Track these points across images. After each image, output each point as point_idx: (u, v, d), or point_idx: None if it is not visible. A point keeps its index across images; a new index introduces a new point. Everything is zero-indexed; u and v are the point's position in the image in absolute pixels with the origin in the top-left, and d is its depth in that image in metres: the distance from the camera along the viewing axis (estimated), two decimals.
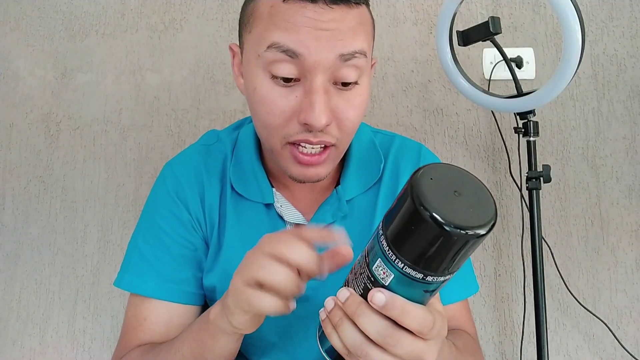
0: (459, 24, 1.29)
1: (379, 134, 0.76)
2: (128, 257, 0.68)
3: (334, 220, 0.67)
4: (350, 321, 0.41)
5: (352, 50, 0.54)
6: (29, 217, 1.27)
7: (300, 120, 0.55)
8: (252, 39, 0.57)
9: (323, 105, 0.54)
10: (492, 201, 0.36)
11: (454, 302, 0.69)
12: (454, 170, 0.37)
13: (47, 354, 1.22)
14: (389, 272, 0.37)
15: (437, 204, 0.33)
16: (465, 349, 0.62)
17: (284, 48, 0.53)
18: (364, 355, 0.40)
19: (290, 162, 0.59)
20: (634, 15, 1.31)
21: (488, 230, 0.34)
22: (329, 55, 0.53)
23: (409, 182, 0.35)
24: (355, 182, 0.68)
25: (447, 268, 0.36)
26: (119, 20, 1.34)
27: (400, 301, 0.38)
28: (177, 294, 0.64)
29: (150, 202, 0.70)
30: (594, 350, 1.20)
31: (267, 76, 0.56)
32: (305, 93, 0.55)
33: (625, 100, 1.28)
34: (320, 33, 0.53)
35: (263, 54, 0.55)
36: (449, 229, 0.33)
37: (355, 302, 0.40)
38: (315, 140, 0.56)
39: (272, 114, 0.56)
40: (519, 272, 1.21)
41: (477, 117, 1.29)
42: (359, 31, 0.56)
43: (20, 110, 1.31)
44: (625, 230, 1.23)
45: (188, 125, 1.30)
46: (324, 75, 0.54)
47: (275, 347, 0.68)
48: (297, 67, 0.54)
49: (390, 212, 0.37)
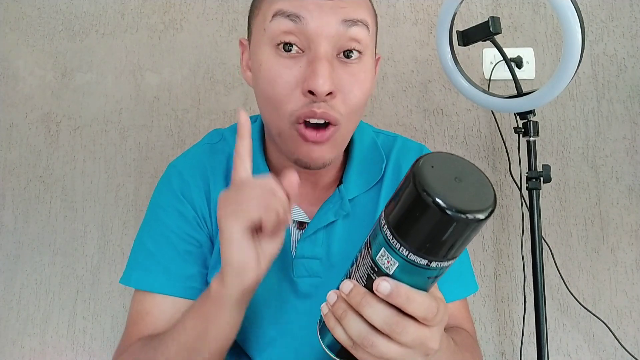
0: (459, 24, 1.29)
1: (381, 135, 0.76)
2: (134, 254, 0.69)
3: (337, 219, 0.67)
4: (354, 312, 0.41)
5: (354, 17, 0.56)
6: (29, 217, 1.27)
7: (304, 88, 0.55)
8: (258, 20, 0.60)
9: (326, 72, 0.54)
10: (491, 187, 0.37)
11: (453, 300, 0.70)
12: (454, 159, 0.38)
13: (47, 354, 1.22)
14: (394, 260, 0.38)
15: (439, 190, 0.34)
16: (464, 345, 0.62)
17: (288, 13, 0.55)
18: (370, 346, 0.40)
19: (297, 143, 0.59)
20: (634, 15, 1.31)
21: (489, 214, 0.35)
22: (331, 20, 0.55)
23: (411, 170, 0.36)
24: (357, 181, 0.69)
25: (450, 253, 0.37)
26: (119, 20, 1.34)
27: (404, 289, 0.38)
28: (183, 289, 0.65)
29: (154, 201, 0.71)
30: (594, 350, 1.20)
31: (272, 50, 0.57)
32: (309, 62, 0.56)
33: (625, 100, 1.28)
34: (323, 2, 0.55)
35: (268, 25, 0.57)
36: (452, 214, 0.34)
37: (359, 293, 0.41)
38: (319, 111, 0.56)
39: (277, 86, 0.57)
40: (519, 272, 1.21)
41: (477, 117, 1.29)
42: (362, 4, 0.58)
43: (20, 110, 1.31)
44: (625, 230, 1.23)
45: (188, 125, 1.30)
46: (327, 44, 0.55)
47: (277, 344, 0.68)
48: (300, 35, 0.56)
49: (392, 201, 0.38)
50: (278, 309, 0.67)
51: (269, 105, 0.59)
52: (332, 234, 0.67)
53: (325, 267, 0.67)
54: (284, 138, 0.60)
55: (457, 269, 0.69)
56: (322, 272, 0.67)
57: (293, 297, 0.67)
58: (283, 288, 0.67)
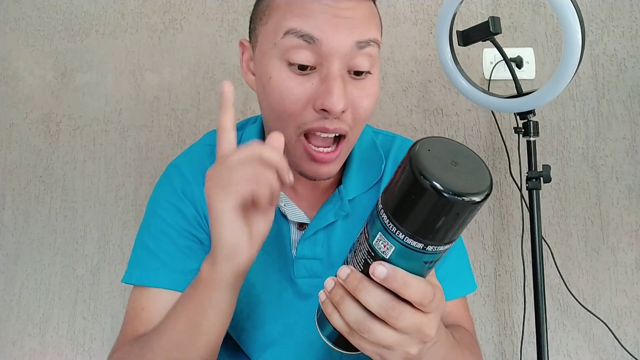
0: (459, 24, 1.29)
1: (380, 135, 0.77)
2: (134, 254, 0.68)
3: (337, 220, 0.67)
4: (351, 298, 0.41)
5: (367, 38, 0.56)
6: (29, 217, 1.27)
7: (317, 106, 0.55)
8: (268, 30, 0.58)
9: (341, 91, 0.54)
10: (487, 171, 0.37)
11: (452, 299, 0.70)
12: (451, 143, 0.38)
13: (47, 354, 1.22)
14: (390, 244, 0.38)
15: (436, 173, 0.34)
16: (462, 341, 0.62)
17: (302, 33, 0.54)
18: (367, 331, 0.40)
19: (303, 159, 0.59)
20: (634, 15, 1.31)
21: (485, 196, 0.35)
22: (346, 42, 0.55)
23: (408, 154, 0.36)
24: (357, 181, 0.69)
25: (446, 237, 0.37)
26: (119, 20, 1.34)
27: (401, 273, 0.38)
28: (180, 283, 0.64)
29: (154, 199, 0.70)
30: (594, 350, 1.20)
31: (284, 65, 0.56)
32: (322, 80, 0.55)
33: (625, 100, 1.28)
34: (337, 20, 0.54)
35: (280, 41, 0.56)
36: (448, 196, 0.34)
37: (356, 278, 0.41)
38: (332, 127, 0.57)
39: (288, 102, 0.57)
40: (519, 272, 1.21)
41: (477, 117, 1.29)
42: (372, 21, 0.58)
43: (20, 110, 1.31)
44: (625, 230, 1.23)
45: (188, 125, 1.30)
46: (340, 63, 0.55)
47: (277, 344, 0.68)
48: (313, 54, 0.55)
49: (389, 186, 0.38)
50: (278, 309, 0.67)
51: (276, 116, 0.59)
52: (332, 234, 0.67)
53: (325, 267, 0.67)
54: (289, 149, 0.60)
55: (456, 267, 0.70)
56: (323, 272, 0.67)
57: (293, 298, 0.67)
58: (283, 288, 0.67)
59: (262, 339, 0.68)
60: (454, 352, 0.54)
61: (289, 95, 0.56)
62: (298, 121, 0.57)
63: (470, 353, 0.62)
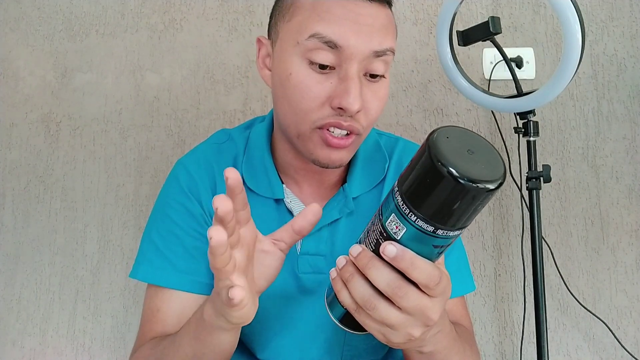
0: (459, 24, 1.29)
1: (384, 136, 0.79)
2: (142, 250, 0.69)
3: (341, 216, 0.69)
4: (360, 276, 0.43)
5: (385, 48, 0.59)
6: (29, 217, 1.27)
7: (334, 104, 0.58)
8: (291, 28, 0.60)
9: (358, 92, 0.57)
10: (501, 160, 0.39)
11: (452, 298, 0.70)
12: (468, 133, 0.40)
13: (47, 354, 1.22)
14: (402, 225, 0.40)
15: (452, 160, 0.36)
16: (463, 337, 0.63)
17: (326, 39, 0.57)
18: (372, 308, 0.42)
19: (318, 145, 0.61)
20: (634, 15, 1.31)
21: (499, 184, 0.36)
22: (365, 50, 0.58)
23: (426, 141, 0.38)
24: (361, 180, 0.71)
25: (458, 222, 0.38)
26: (119, 20, 1.34)
27: (409, 254, 0.40)
28: (191, 284, 0.65)
29: (162, 197, 0.72)
30: (594, 350, 1.20)
31: (305, 63, 0.59)
32: (341, 80, 0.58)
33: (625, 100, 1.28)
34: (359, 27, 0.57)
35: (303, 42, 0.58)
36: (464, 182, 0.35)
37: (367, 256, 0.42)
38: (346, 124, 0.59)
39: (307, 99, 0.59)
40: (519, 272, 1.21)
41: (477, 117, 1.29)
42: (390, 29, 0.61)
43: (20, 110, 1.31)
44: (625, 230, 1.23)
45: (188, 125, 1.30)
46: (358, 65, 0.58)
47: (280, 339, 0.69)
48: (335, 56, 0.58)
49: (406, 170, 0.40)
50: (282, 305, 0.68)
51: (293, 111, 0.61)
52: (336, 231, 0.69)
53: (329, 263, 0.68)
54: (304, 140, 0.62)
55: (456, 267, 0.71)
56: (327, 268, 0.68)
57: (297, 293, 0.68)
58: (287, 284, 0.68)
59: (265, 333, 0.69)
60: (456, 345, 0.55)
61: (308, 92, 0.59)
62: (314, 117, 0.60)
63: (470, 349, 0.63)
